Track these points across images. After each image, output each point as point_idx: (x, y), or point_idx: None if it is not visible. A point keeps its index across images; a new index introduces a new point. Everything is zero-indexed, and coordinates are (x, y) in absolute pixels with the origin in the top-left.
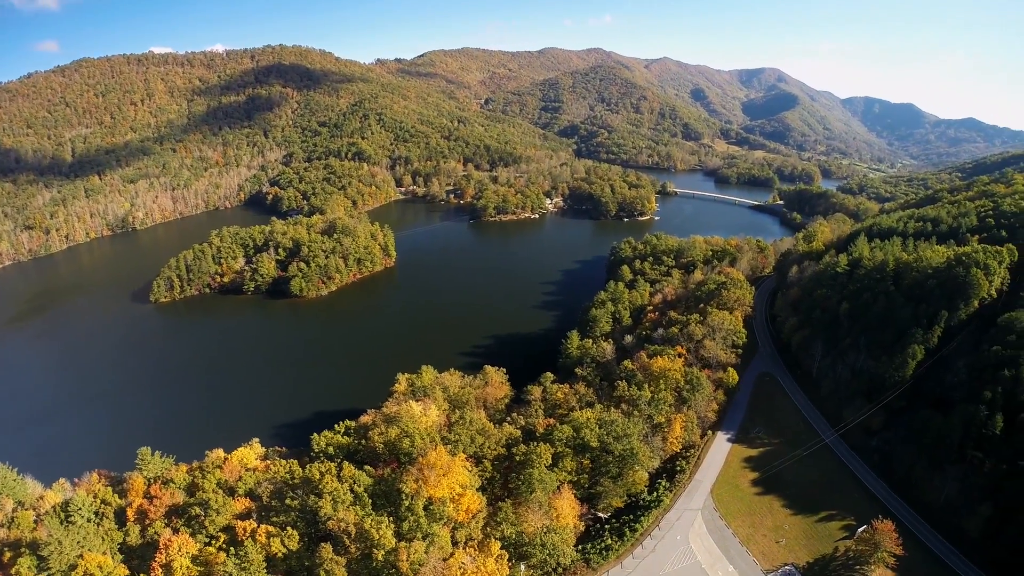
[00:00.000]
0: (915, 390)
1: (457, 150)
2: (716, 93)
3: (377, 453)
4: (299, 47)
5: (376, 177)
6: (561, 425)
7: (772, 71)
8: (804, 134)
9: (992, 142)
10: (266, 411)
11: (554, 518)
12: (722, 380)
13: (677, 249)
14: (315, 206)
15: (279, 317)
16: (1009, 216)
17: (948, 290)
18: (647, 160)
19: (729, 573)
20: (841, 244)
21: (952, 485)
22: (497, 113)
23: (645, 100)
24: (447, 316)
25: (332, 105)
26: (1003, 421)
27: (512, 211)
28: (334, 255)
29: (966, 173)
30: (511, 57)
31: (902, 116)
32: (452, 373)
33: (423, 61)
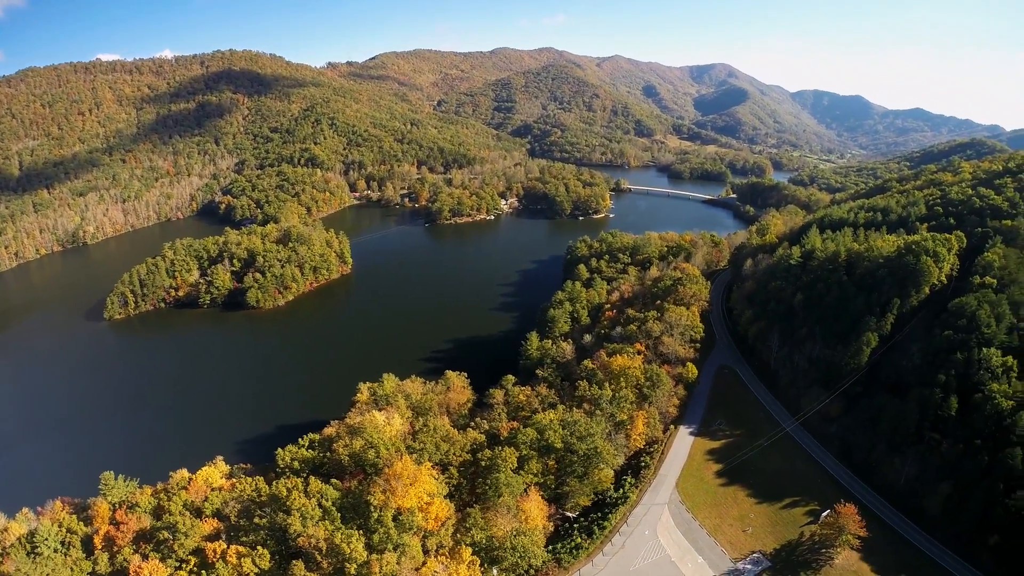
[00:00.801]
0: (871, 376)
1: (411, 153)
2: (668, 89)
3: (343, 465)
4: (249, 52)
5: (330, 183)
6: (525, 428)
7: (722, 67)
8: (755, 128)
9: (939, 131)
10: (228, 427)
11: (523, 520)
12: (682, 375)
13: (633, 246)
14: (269, 214)
15: (236, 330)
16: (956, 204)
17: (899, 278)
18: (601, 158)
19: (698, 564)
20: (794, 236)
21: (911, 466)
22: (450, 114)
23: (597, 98)
24: (406, 322)
25: (284, 111)
26: (957, 403)
27: (467, 213)
28: (290, 264)
29: (914, 162)
30: (463, 58)
31: (851, 108)
32: (414, 380)
33: (375, 64)
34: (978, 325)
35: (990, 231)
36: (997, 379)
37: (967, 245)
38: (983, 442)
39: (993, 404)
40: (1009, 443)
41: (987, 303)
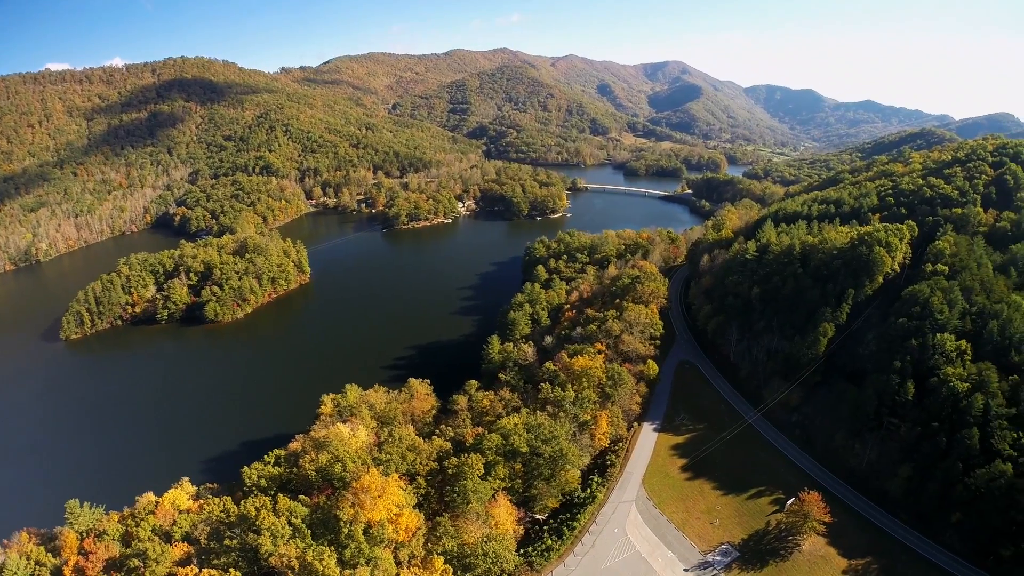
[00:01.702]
0: (829, 365)
1: (366, 158)
2: (622, 87)
3: (310, 481)
4: (202, 59)
5: (285, 191)
6: (490, 434)
7: (676, 63)
8: (709, 123)
9: (889, 121)
10: (192, 446)
11: (493, 526)
12: (643, 372)
13: (590, 245)
14: (225, 225)
15: (196, 345)
16: (908, 194)
17: (853, 269)
18: (556, 157)
19: (668, 559)
20: (749, 230)
21: (872, 451)
22: (405, 118)
23: (552, 98)
24: (367, 330)
25: (237, 118)
26: (914, 387)
27: (425, 217)
28: (247, 276)
29: (866, 153)
30: (418, 60)
31: (803, 101)
32: (377, 389)
33: (329, 68)
34: (931, 312)
35: (941, 220)
36: (951, 363)
37: (919, 234)
38: (940, 424)
39: (949, 387)
40: (966, 424)
41: (939, 290)
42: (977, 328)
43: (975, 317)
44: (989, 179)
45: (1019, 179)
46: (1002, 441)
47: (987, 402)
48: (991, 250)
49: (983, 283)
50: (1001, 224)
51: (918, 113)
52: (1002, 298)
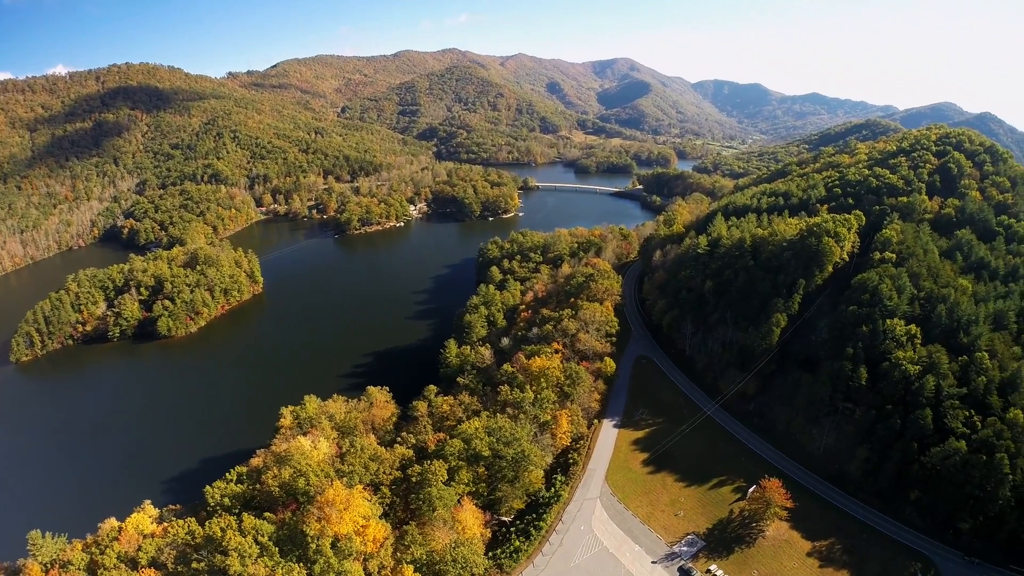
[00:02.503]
0: (783, 354)
1: (316, 163)
2: (571, 85)
3: (274, 497)
4: (147, 65)
5: (235, 199)
6: (452, 439)
7: (624, 61)
8: (658, 119)
9: (835, 113)
10: (152, 467)
11: (460, 531)
12: (600, 370)
13: (543, 244)
14: (174, 236)
15: (150, 362)
16: (854, 184)
17: (803, 259)
18: (507, 157)
19: (636, 552)
20: (700, 224)
21: (829, 435)
22: (355, 121)
23: (502, 97)
24: (323, 339)
25: (184, 125)
26: (867, 372)
27: (377, 221)
28: (199, 288)
29: (813, 144)
30: (366, 62)
31: (750, 95)
32: (336, 399)
33: (276, 72)
34: (881, 298)
35: (887, 209)
36: (902, 347)
37: (866, 223)
38: (894, 406)
39: (901, 370)
40: (919, 405)
41: (888, 277)
42: (926, 312)
43: (923, 302)
44: (933, 168)
45: (962, 167)
46: (954, 420)
47: (938, 383)
48: (937, 236)
49: (930, 269)
50: (946, 211)
51: (863, 104)
52: (949, 282)
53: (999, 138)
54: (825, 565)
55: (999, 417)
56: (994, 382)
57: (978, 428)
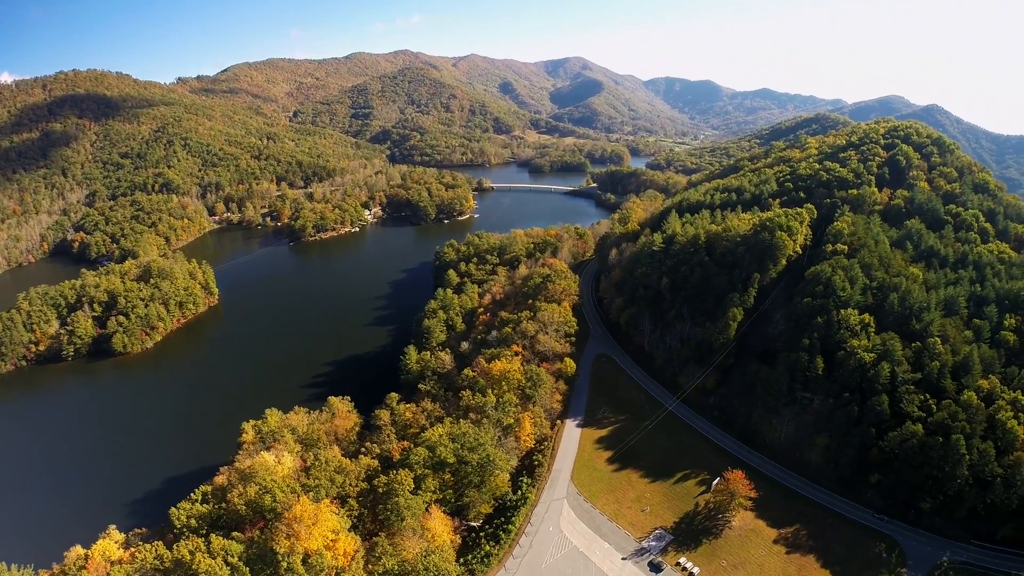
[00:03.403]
0: (741, 347)
1: (269, 169)
2: (524, 85)
3: (241, 515)
4: (94, 71)
5: (187, 208)
6: (416, 447)
7: (577, 60)
8: (611, 117)
9: (785, 108)
10: (115, 490)
11: (430, 539)
12: (561, 370)
13: (499, 246)
14: (126, 249)
15: (107, 381)
16: (805, 179)
17: (757, 254)
18: (461, 158)
19: (605, 550)
20: (654, 222)
21: (789, 425)
22: (307, 125)
23: (455, 98)
24: (282, 350)
25: (134, 133)
26: (823, 362)
27: (332, 227)
28: (154, 302)
29: (764, 139)
30: (318, 65)
31: (702, 92)
32: (298, 412)
33: (227, 76)
34: (834, 289)
35: (838, 201)
36: (857, 336)
37: (818, 216)
38: (851, 394)
39: (856, 359)
40: (875, 391)
41: (840, 269)
42: (878, 301)
43: (876, 291)
44: (882, 160)
45: (910, 159)
46: (910, 404)
47: (893, 369)
48: (887, 227)
49: (881, 259)
50: (895, 202)
51: (812, 99)
52: (900, 271)
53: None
54: (792, 551)
55: (953, 400)
56: (947, 366)
57: (933, 411)
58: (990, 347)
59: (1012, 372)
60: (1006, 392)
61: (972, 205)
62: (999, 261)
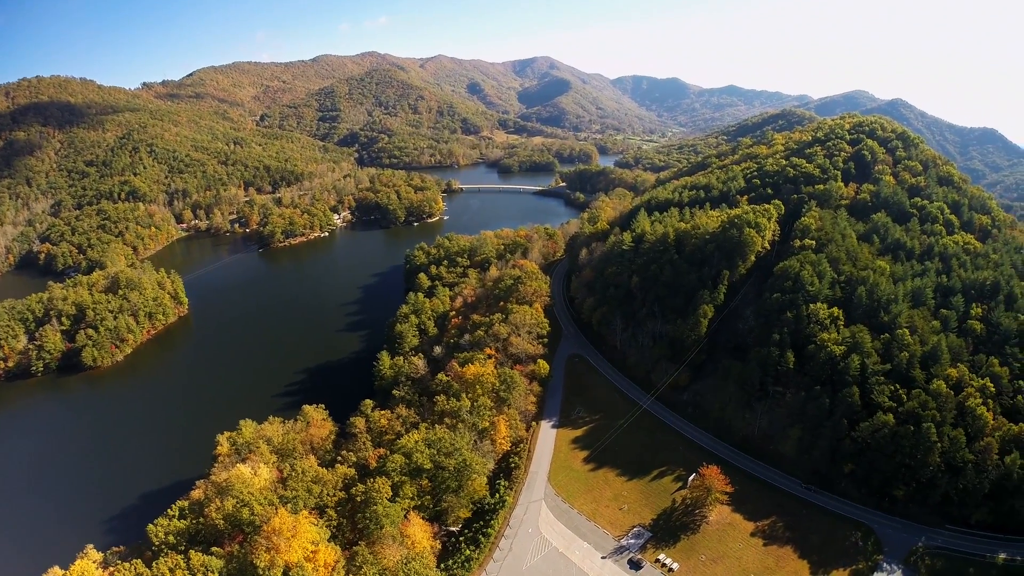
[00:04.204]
0: (712, 344)
1: (236, 175)
2: (492, 85)
3: (219, 529)
4: (58, 77)
5: (154, 216)
6: (392, 455)
7: (544, 59)
8: (579, 116)
9: (751, 104)
10: (90, 508)
11: (410, 546)
12: (534, 372)
13: (470, 248)
14: (93, 260)
15: (78, 396)
16: (772, 175)
17: (726, 251)
18: (430, 160)
19: (585, 550)
20: (624, 221)
21: (762, 419)
22: (274, 129)
23: (423, 100)
24: (254, 359)
25: (99, 141)
26: (794, 356)
27: (301, 233)
28: (123, 314)
29: (731, 135)
30: (284, 68)
31: (669, 89)
32: (272, 421)
33: (192, 81)
34: (803, 284)
35: (805, 197)
36: (826, 329)
37: (785, 212)
38: (823, 387)
39: (826, 352)
40: (845, 383)
41: (809, 263)
42: (847, 295)
43: (844, 285)
44: (848, 155)
45: (876, 153)
46: (881, 395)
47: (863, 361)
48: (854, 221)
49: (849, 252)
50: (861, 196)
51: (778, 95)
52: (867, 265)
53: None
54: (769, 543)
55: (923, 389)
56: (916, 356)
57: (904, 401)
58: (957, 336)
59: (980, 360)
60: (974, 380)
61: (937, 198)
62: (964, 252)
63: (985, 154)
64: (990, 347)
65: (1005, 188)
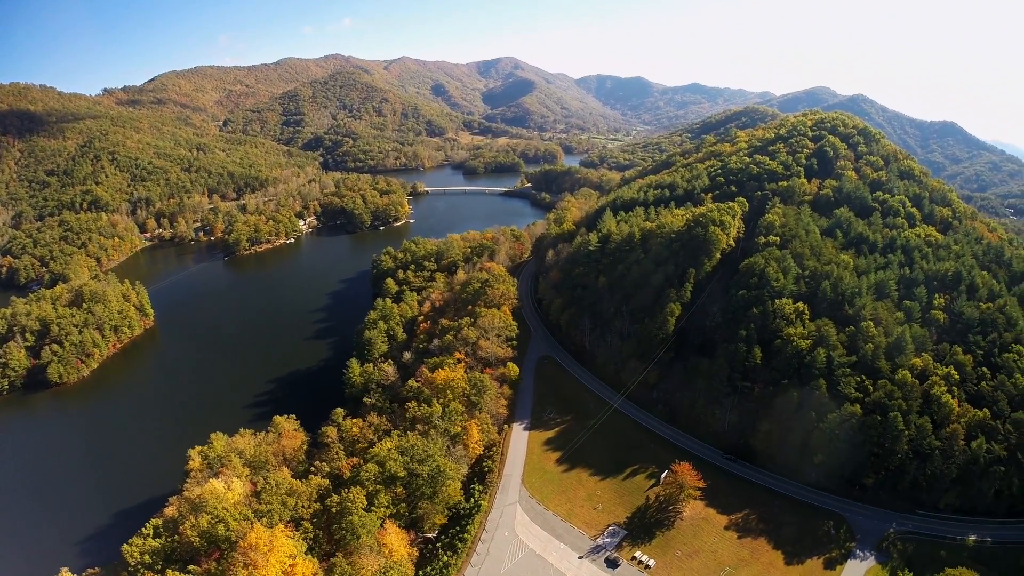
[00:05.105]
0: (680, 341)
1: (200, 182)
2: (456, 86)
3: (195, 547)
4: (17, 84)
5: (118, 226)
6: (366, 464)
7: (508, 60)
8: (543, 116)
9: (715, 101)
10: (63, 529)
11: (388, 555)
12: (504, 375)
13: (436, 252)
14: (56, 273)
15: (45, 414)
16: (736, 172)
17: (692, 249)
18: (395, 163)
19: (561, 551)
20: (590, 221)
21: (731, 414)
22: (238, 134)
23: (387, 102)
24: (222, 370)
25: (60, 149)
26: (761, 351)
27: (266, 240)
28: (88, 328)
29: (695, 133)
30: (247, 72)
31: (633, 88)
32: (243, 434)
33: (154, 86)
34: (768, 280)
35: (768, 194)
36: (792, 324)
37: (749, 209)
38: (790, 380)
39: (792, 346)
40: (812, 376)
41: (773, 260)
42: (812, 289)
43: (808, 280)
44: (810, 152)
45: (838, 149)
46: (847, 387)
47: (829, 354)
48: (817, 217)
49: (813, 248)
50: (824, 192)
51: (742, 92)
52: (831, 259)
53: (871, 118)
54: (743, 536)
55: (889, 379)
56: (881, 347)
57: (870, 392)
58: (921, 326)
59: (943, 349)
60: (939, 368)
61: (898, 191)
62: (926, 244)
63: (945, 146)
64: (953, 336)
65: (965, 179)
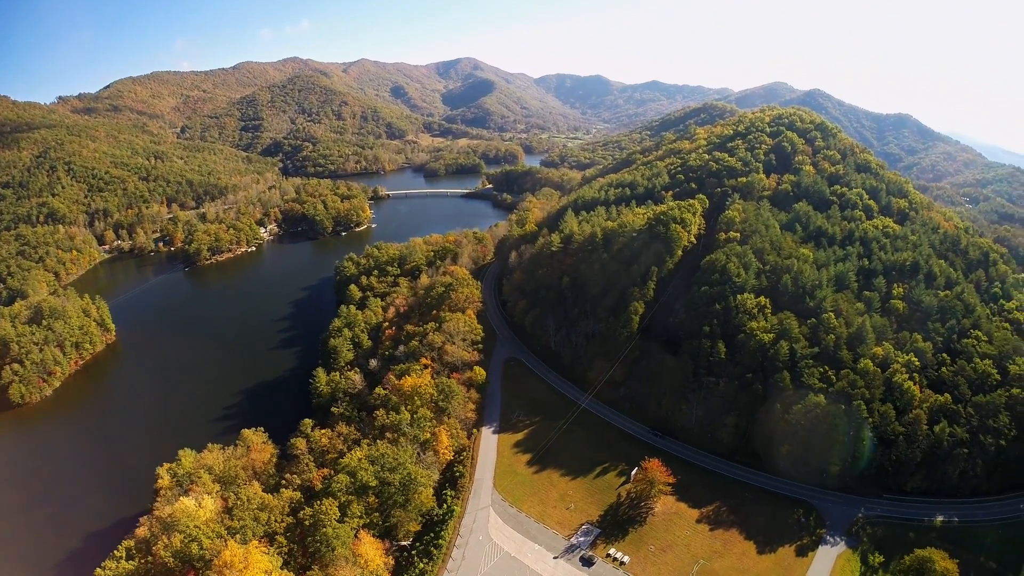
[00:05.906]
0: (645, 339)
1: (159, 191)
2: (416, 88)
3: (169, 568)
4: None
5: (75, 239)
6: (337, 475)
7: (468, 60)
8: (504, 116)
9: (674, 98)
10: (33, 556)
11: (363, 565)
12: (472, 379)
13: (399, 256)
14: (14, 289)
15: (8, 437)
16: (696, 170)
17: (654, 247)
18: (355, 167)
19: (536, 552)
20: (552, 221)
21: (698, 409)
22: (196, 141)
23: (346, 105)
24: (187, 384)
25: (14, 160)
26: (725, 346)
27: (227, 248)
28: (48, 346)
29: (654, 129)
30: (205, 77)
31: (592, 87)
32: (212, 449)
33: (110, 93)
34: (730, 276)
35: (728, 190)
36: (755, 318)
37: (709, 206)
38: (755, 374)
39: (756, 340)
40: (776, 369)
41: (734, 256)
42: (773, 283)
43: (769, 274)
44: (769, 147)
45: (795, 145)
46: (811, 377)
47: (792, 347)
48: (776, 211)
49: (773, 243)
50: (783, 187)
51: (700, 89)
52: (791, 253)
53: (828, 112)
54: (715, 528)
55: (851, 369)
56: (842, 338)
57: (834, 382)
58: (881, 316)
59: (904, 337)
60: (900, 356)
61: (856, 184)
62: (884, 235)
63: (901, 138)
64: (913, 324)
65: (921, 170)
